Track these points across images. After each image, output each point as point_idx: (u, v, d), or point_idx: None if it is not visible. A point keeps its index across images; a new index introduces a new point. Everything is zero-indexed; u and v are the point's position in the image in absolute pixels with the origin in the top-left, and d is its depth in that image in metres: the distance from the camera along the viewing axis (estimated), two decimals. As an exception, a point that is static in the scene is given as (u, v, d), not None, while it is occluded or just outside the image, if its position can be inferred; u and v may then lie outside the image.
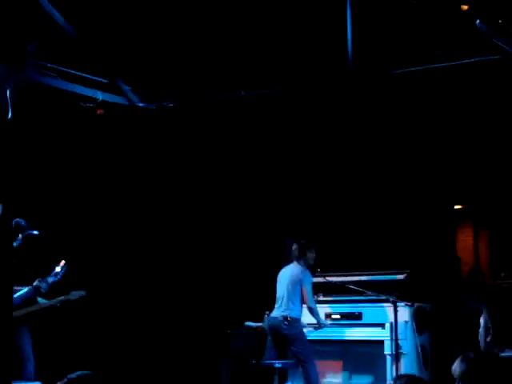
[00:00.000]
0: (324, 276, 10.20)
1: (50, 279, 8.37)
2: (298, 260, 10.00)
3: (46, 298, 8.62)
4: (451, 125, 10.77)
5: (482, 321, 5.08)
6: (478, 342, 5.11)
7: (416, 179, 11.13)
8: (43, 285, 8.24)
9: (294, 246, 10.06)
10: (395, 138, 11.05)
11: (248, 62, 9.91)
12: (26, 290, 8.25)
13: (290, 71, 9.87)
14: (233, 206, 11.92)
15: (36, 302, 8.52)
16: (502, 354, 4.79)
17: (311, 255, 10.02)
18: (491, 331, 4.95)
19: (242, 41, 9.74)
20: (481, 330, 5.07)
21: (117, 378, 9.81)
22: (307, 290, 9.83)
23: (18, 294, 8.18)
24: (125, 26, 9.81)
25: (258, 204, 11.84)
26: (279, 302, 9.96)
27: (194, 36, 9.89)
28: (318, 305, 10.09)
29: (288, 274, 10.00)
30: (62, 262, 8.48)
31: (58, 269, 8.45)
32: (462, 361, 4.11)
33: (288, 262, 10.24)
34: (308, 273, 9.92)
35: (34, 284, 8.28)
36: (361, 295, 9.94)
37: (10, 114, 9.67)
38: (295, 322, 9.76)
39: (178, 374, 11.28)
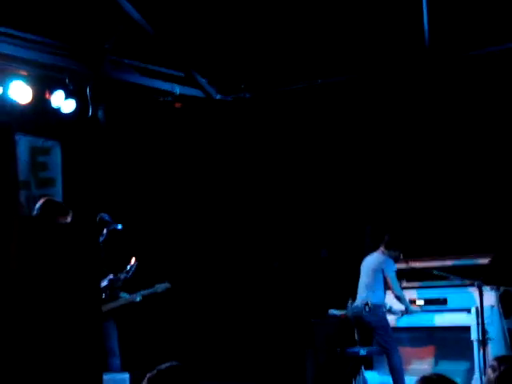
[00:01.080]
0: (407, 261, 10.09)
1: (122, 276, 8.52)
2: (384, 249, 9.92)
3: (130, 293, 8.74)
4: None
5: None
6: None
7: (500, 161, 10.92)
8: (117, 282, 8.41)
9: (387, 237, 9.99)
10: (474, 118, 10.86)
11: (321, 50, 9.86)
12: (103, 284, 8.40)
13: (365, 57, 9.80)
14: (315, 196, 11.87)
15: (119, 297, 8.65)
16: None
17: (396, 254, 9.93)
18: None
19: (314, 28, 9.69)
20: None
21: (203, 369, 9.90)
22: (391, 277, 9.76)
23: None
24: (199, 18, 9.86)
25: (340, 193, 11.76)
26: (361, 289, 9.95)
27: (267, 26, 9.88)
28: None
29: (371, 262, 9.96)
30: (133, 259, 8.60)
31: (129, 266, 8.58)
32: None
33: (370, 249, 10.18)
34: (391, 261, 9.84)
35: (108, 279, 8.46)
36: (445, 280, 9.81)
37: (90, 112, 9.87)
38: (376, 309, 9.70)
39: (263, 364, 11.31)
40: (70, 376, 5.22)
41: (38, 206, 7.13)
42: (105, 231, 8.33)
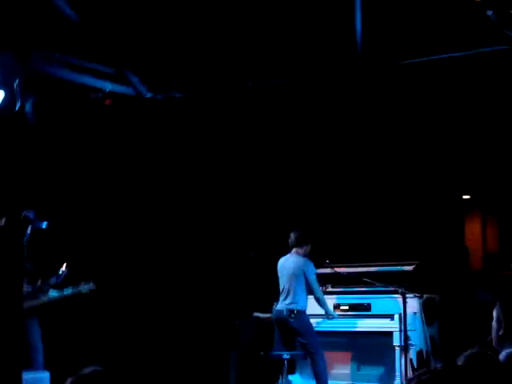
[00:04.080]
0: (333, 267, 10.14)
1: (53, 280, 8.38)
2: (297, 248, 9.90)
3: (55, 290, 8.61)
4: (459, 115, 10.72)
5: (494, 314, 4.98)
6: (490, 334, 5.04)
7: (424, 170, 11.09)
8: (45, 287, 8.26)
9: (294, 234, 9.96)
10: (403, 128, 11.00)
11: (255, 51, 9.85)
12: (29, 290, 8.24)
13: (298, 61, 9.82)
14: (241, 198, 11.89)
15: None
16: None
17: (308, 248, 9.93)
18: (503, 325, 4.87)
19: (249, 30, 9.68)
20: (493, 323, 4.98)
21: (125, 372, 9.80)
22: (312, 280, 9.76)
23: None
24: (132, 16, 9.76)
25: (265, 195, 11.80)
26: (284, 294, 9.88)
27: (201, 25, 9.83)
28: (326, 296, 10.06)
29: (290, 265, 9.90)
30: (65, 265, 8.47)
31: (60, 271, 8.45)
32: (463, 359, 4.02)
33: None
34: (311, 263, 9.82)
35: (37, 285, 8.30)
36: (370, 286, 9.91)
37: (17, 106, 9.68)
38: (302, 314, 9.73)
39: (186, 365, 11.28)
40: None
41: None
42: (29, 229, 8.17)
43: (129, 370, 10.31)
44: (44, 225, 8.30)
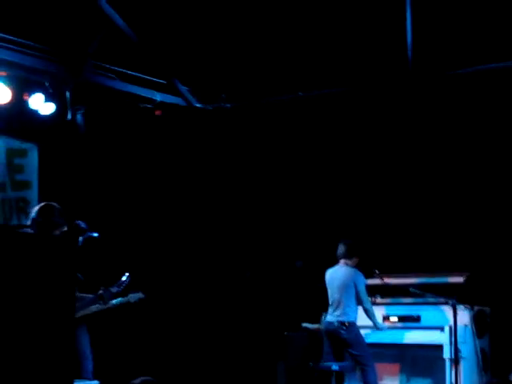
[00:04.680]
0: (382, 277, 10.07)
1: (114, 289, 8.34)
2: (346, 260, 9.86)
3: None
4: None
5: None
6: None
7: (475, 179, 10.97)
8: (107, 294, 8.23)
9: (344, 246, 9.92)
10: (454, 138, 10.90)
11: (306, 63, 9.86)
12: (91, 296, 8.26)
13: (348, 72, 9.80)
14: (290, 206, 11.87)
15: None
16: None
17: (357, 260, 9.89)
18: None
19: (300, 41, 9.68)
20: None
21: (175, 382, 9.84)
22: (362, 291, 9.71)
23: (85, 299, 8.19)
24: (182, 26, 9.82)
25: (315, 204, 11.77)
26: (334, 305, 9.83)
27: (252, 36, 9.86)
28: (375, 307, 9.97)
29: (340, 276, 9.86)
30: (127, 274, 8.47)
31: (122, 279, 8.43)
32: None
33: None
34: (361, 274, 9.78)
35: (99, 293, 8.28)
36: (419, 298, 9.82)
37: (69, 116, 9.80)
38: (353, 326, 9.67)
39: (235, 376, 11.27)
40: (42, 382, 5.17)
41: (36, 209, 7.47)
42: (80, 239, 8.22)
43: (177, 381, 10.33)
44: (96, 234, 8.35)
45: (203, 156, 11.65)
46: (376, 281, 10.12)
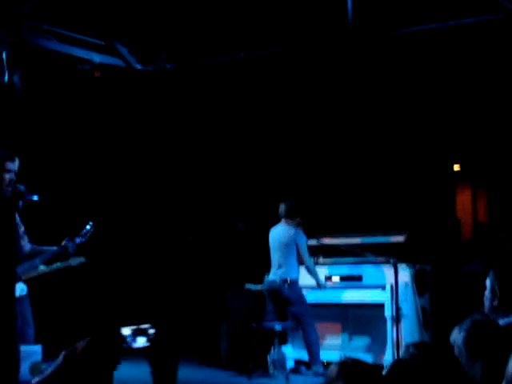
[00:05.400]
0: (323, 238, 10.13)
1: (78, 239, 8.29)
2: (287, 219, 9.88)
3: (45, 264, 8.54)
4: (450, 85, 10.69)
5: (488, 283, 4.95)
6: (483, 304, 5.01)
7: (415, 140, 11.08)
8: (71, 244, 8.17)
9: (284, 206, 9.93)
10: (394, 99, 10.97)
11: (246, 23, 9.78)
12: (55, 248, 8.19)
13: (289, 32, 9.76)
14: (231, 169, 11.87)
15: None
16: (507, 319, 4.72)
17: (298, 220, 9.91)
18: (498, 295, 4.85)
19: (239, 1, 9.61)
20: (487, 293, 4.95)
21: (118, 343, 9.79)
22: (303, 249, 9.75)
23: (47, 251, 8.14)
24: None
25: (255, 166, 11.78)
26: (276, 264, 9.88)
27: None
28: (317, 267, 10.04)
29: (280, 235, 9.88)
30: (90, 223, 8.39)
31: (86, 229, 8.35)
32: (460, 330, 4.01)
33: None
34: (301, 232, 9.80)
35: (62, 243, 8.22)
36: (361, 257, 9.89)
37: (6, 77, 9.60)
38: (295, 284, 9.74)
39: (178, 337, 11.28)
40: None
41: None
42: (20, 203, 8.10)
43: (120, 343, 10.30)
44: (36, 197, 8.24)
45: (144, 117, 11.55)
46: (317, 241, 10.16)
